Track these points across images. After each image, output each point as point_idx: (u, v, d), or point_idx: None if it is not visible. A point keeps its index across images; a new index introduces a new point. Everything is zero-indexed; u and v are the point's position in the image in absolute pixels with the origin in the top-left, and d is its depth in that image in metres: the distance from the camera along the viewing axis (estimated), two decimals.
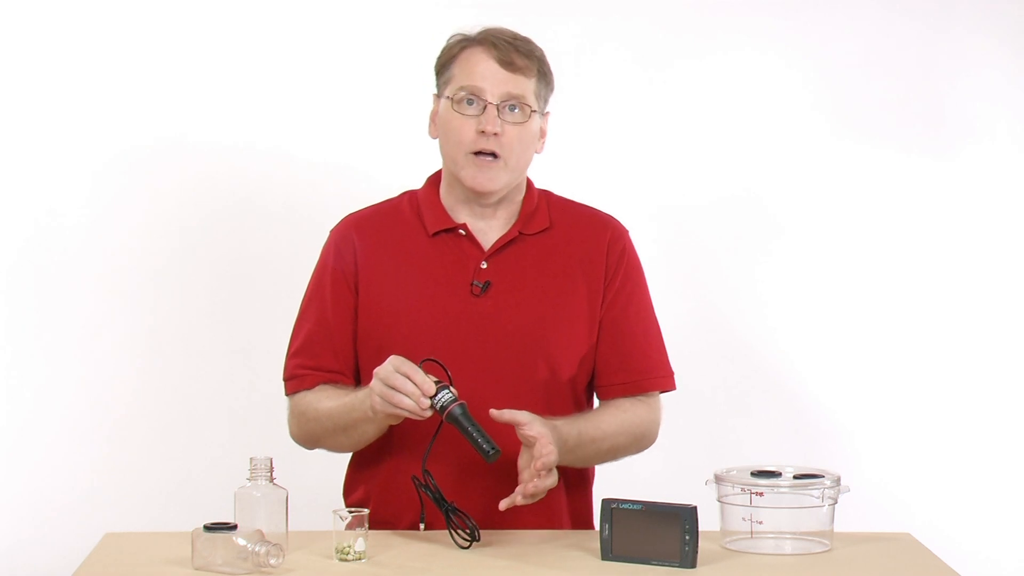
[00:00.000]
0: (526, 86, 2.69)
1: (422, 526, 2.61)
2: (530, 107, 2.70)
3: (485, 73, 2.68)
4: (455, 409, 2.50)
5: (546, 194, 2.84)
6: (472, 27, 2.74)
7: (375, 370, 2.55)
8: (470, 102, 2.69)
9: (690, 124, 3.84)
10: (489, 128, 2.67)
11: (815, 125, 3.86)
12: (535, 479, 2.53)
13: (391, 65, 3.74)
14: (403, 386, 2.50)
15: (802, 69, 3.86)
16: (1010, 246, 3.89)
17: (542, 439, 2.54)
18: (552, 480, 2.56)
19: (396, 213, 2.81)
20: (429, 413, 2.51)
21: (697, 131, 3.84)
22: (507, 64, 2.68)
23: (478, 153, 2.69)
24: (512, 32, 2.74)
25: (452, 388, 2.52)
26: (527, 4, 3.65)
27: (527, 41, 2.73)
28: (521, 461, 2.58)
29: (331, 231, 2.83)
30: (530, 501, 2.56)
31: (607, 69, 3.81)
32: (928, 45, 3.86)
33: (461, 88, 2.69)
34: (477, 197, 2.74)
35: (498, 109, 2.67)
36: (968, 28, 3.86)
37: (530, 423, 2.55)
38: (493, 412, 2.55)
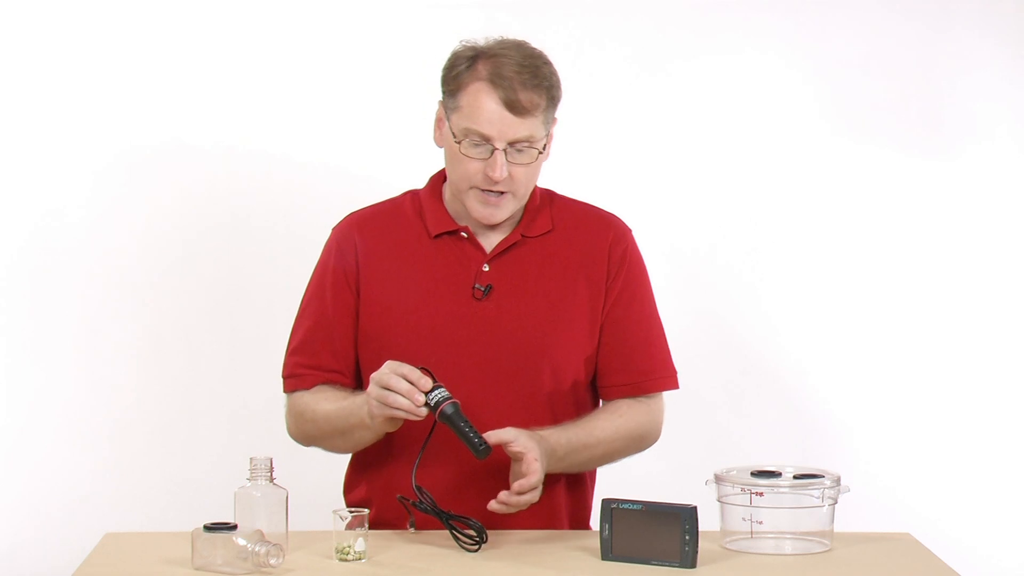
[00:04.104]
0: (533, 125, 2.62)
1: (412, 529, 2.62)
2: (537, 149, 2.64)
3: (492, 118, 2.59)
4: (447, 407, 2.50)
5: (549, 194, 2.81)
6: (480, 39, 2.65)
7: (371, 376, 2.54)
8: (477, 144, 2.62)
9: (690, 124, 3.84)
10: (497, 175, 2.61)
11: (815, 125, 3.86)
12: (514, 496, 2.53)
13: (392, 67, 3.74)
14: (398, 385, 2.50)
15: (802, 69, 3.86)
16: (1010, 246, 3.89)
17: (528, 455, 2.53)
18: (533, 496, 2.55)
19: (398, 213, 2.78)
20: (424, 411, 2.50)
21: (697, 131, 3.84)
22: (513, 106, 2.59)
23: (485, 190, 2.66)
24: (519, 57, 2.62)
25: (444, 389, 2.52)
26: (527, 4, 3.65)
27: (534, 68, 2.61)
28: (511, 476, 2.58)
29: (333, 229, 2.81)
30: (507, 510, 2.55)
31: (607, 69, 3.81)
32: (928, 45, 3.86)
33: (467, 130, 2.61)
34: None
35: (506, 152, 2.61)
36: (968, 28, 3.86)
37: (515, 439, 2.54)
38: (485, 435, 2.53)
